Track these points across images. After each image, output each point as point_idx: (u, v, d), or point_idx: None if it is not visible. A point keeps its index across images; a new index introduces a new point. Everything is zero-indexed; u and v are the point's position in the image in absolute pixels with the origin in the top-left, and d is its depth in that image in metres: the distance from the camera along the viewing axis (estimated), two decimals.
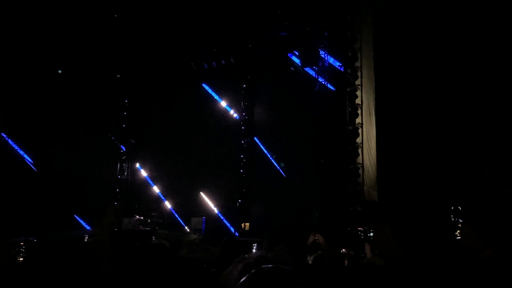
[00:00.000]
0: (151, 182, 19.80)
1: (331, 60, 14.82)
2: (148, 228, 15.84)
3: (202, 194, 18.41)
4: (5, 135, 20.14)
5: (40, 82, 19.61)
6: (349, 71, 13.96)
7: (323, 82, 14.49)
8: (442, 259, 2.58)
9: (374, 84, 13.66)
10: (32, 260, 3.66)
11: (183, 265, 2.82)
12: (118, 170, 19.74)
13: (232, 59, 18.00)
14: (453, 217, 10.67)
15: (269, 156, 17.17)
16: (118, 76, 19.85)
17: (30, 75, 19.23)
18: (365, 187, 13.25)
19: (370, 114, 13.64)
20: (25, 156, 20.82)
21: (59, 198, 19.21)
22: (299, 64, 14.81)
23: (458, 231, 9.86)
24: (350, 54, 13.97)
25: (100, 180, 19.82)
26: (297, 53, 15.57)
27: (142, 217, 17.19)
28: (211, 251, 6.26)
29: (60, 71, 19.56)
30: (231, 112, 18.85)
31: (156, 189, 19.61)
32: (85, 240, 9.05)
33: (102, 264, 1.43)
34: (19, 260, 3.55)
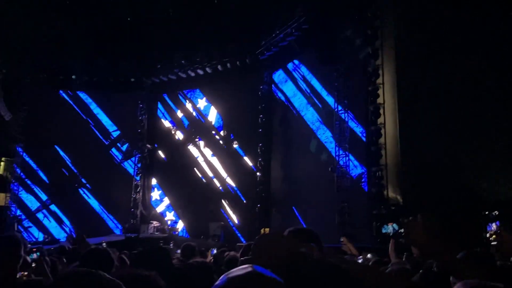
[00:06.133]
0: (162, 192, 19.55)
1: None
2: (165, 235, 15.55)
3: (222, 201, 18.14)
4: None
5: None
6: (370, 69, 13.49)
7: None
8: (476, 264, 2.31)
9: (396, 82, 13.16)
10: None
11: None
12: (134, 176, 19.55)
13: (247, 60, 17.66)
14: (486, 222, 10.10)
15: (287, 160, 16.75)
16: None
17: None
18: (389, 189, 12.72)
19: (392, 114, 13.13)
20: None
21: None
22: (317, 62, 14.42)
23: (494, 236, 9.37)
24: (370, 52, 13.51)
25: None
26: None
27: (159, 224, 16.92)
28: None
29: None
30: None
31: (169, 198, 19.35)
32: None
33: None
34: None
